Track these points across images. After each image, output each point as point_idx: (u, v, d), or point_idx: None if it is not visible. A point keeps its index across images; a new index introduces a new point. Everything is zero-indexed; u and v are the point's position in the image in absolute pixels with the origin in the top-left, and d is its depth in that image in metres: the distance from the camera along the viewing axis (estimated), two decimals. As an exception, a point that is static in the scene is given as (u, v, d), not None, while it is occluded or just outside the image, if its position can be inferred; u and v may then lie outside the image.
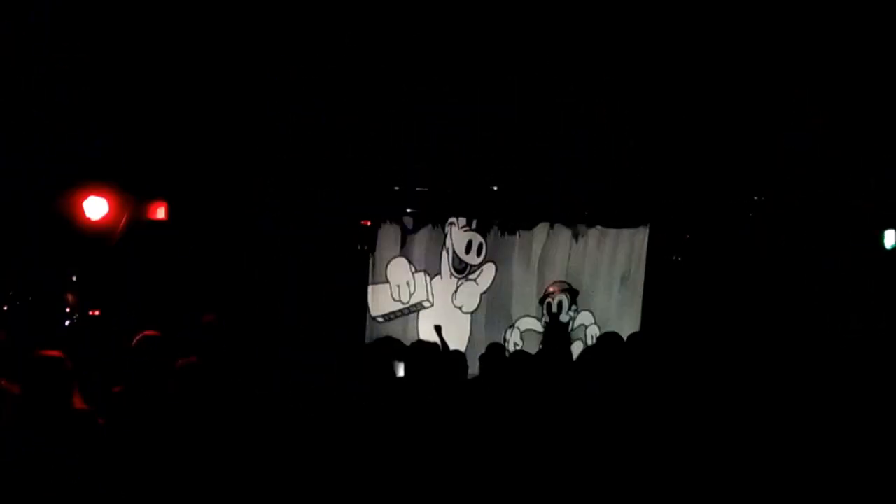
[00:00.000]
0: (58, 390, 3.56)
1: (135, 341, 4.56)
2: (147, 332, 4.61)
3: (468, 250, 8.47)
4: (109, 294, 6.67)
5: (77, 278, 6.76)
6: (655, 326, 8.72)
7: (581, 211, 8.70)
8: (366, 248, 7.85)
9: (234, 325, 6.56)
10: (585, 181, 8.30)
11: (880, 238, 8.24)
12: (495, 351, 6.15)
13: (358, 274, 7.82)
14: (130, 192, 6.69)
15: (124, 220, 6.60)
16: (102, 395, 4.34)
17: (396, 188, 7.96)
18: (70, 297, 6.73)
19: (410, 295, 8.28)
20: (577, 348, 7.51)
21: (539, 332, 8.61)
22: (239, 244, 7.21)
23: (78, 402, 3.65)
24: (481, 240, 8.49)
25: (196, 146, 6.95)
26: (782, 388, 6.53)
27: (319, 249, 7.55)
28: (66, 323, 6.65)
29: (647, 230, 9.02)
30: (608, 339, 6.74)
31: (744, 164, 8.25)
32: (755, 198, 8.58)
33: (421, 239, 8.26)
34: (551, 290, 8.82)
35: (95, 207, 6.36)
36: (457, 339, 7.96)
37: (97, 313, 6.71)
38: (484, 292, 8.56)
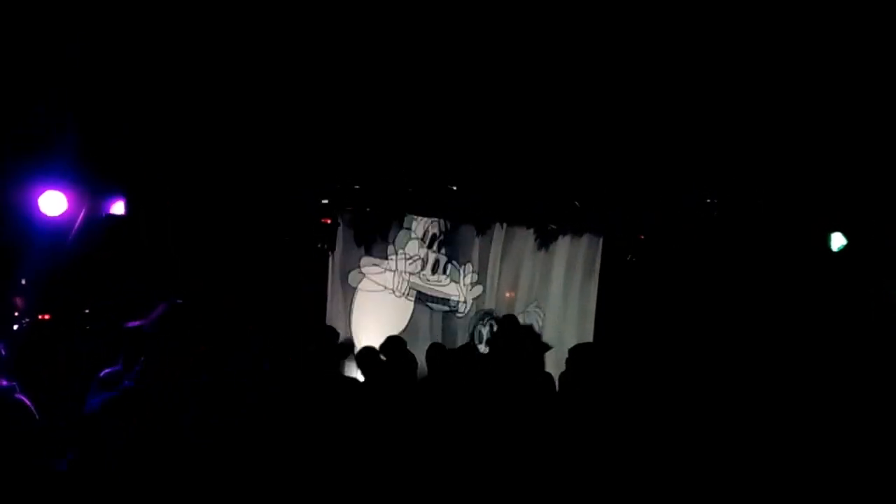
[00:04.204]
0: None
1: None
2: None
3: (430, 245, 8.53)
4: (64, 296, 6.36)
5: (27, 280, 6.38)
6: (609, 328, 8.87)
7: (538, 213, 8.76)
8: (325, 246, 7.74)
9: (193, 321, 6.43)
10: (543, 182, 8.35)
11: (827, 240, 8.48)
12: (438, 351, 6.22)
13: (318, 271, 7.71)
14: (86, 187, 6.40)
15: (81, 216, 6.31)
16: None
17: (357, 187, 7.87)
18: (19, 301, 6.35)
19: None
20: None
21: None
22: (198, 240, 7.00)
23: None
24: (440, 235, 8.55)
25: (155, 139, 6.70)
26: (734, 387, 6.71)
27: (280, 247, 7.40)
28: (14, 327, 6.26)
29: (602, 237, 9.21)
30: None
31: (696, 168, 8.39)
32: (707, 200, 8.75)
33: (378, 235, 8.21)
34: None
35: (53, 203, 5.99)
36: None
37: (47, 317, 6.37)
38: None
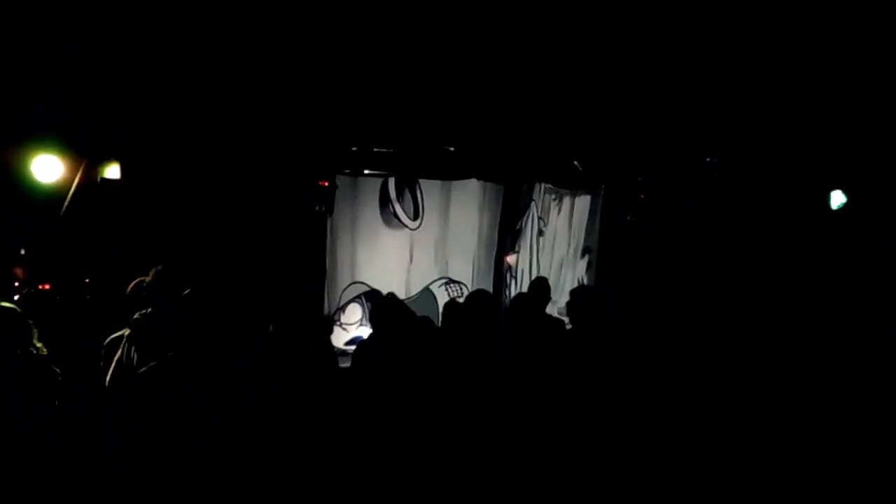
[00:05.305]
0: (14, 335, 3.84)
1: (129, 288, 4.85)
2: (141, 279, 4.80)
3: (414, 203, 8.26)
4: (62, 264, 6.33)
5: (25, 250, 6.35)
6: (608, 286, 8.87)
7: (537, 172, 8.71)
8: (323, 208, 7.69)
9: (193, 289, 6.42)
10: (542, 141, 8.30)
11: (827, 199, 8.46)
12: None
13: (316, 233, 7.67)
14: (81, 152, 6.33)
15: (76, 181, 6.25)
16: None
17: (354, 149, 7.81)
18: (19, 271, 6.32)
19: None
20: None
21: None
22: (194, 204, 6.97)
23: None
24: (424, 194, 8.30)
25: (148, 102, 6.62)
26: (729, 346, 6.74)
27: (277, 210, 7.36)
28: (16, 298, 6.21)
29: (602, 192, 9.12)
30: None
31: (695, 127, 8.35)
32: (707, 159, 8.71)
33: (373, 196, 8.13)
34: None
35: (47, 168, 5.92)
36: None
37: (48, 287, 6.34)
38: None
